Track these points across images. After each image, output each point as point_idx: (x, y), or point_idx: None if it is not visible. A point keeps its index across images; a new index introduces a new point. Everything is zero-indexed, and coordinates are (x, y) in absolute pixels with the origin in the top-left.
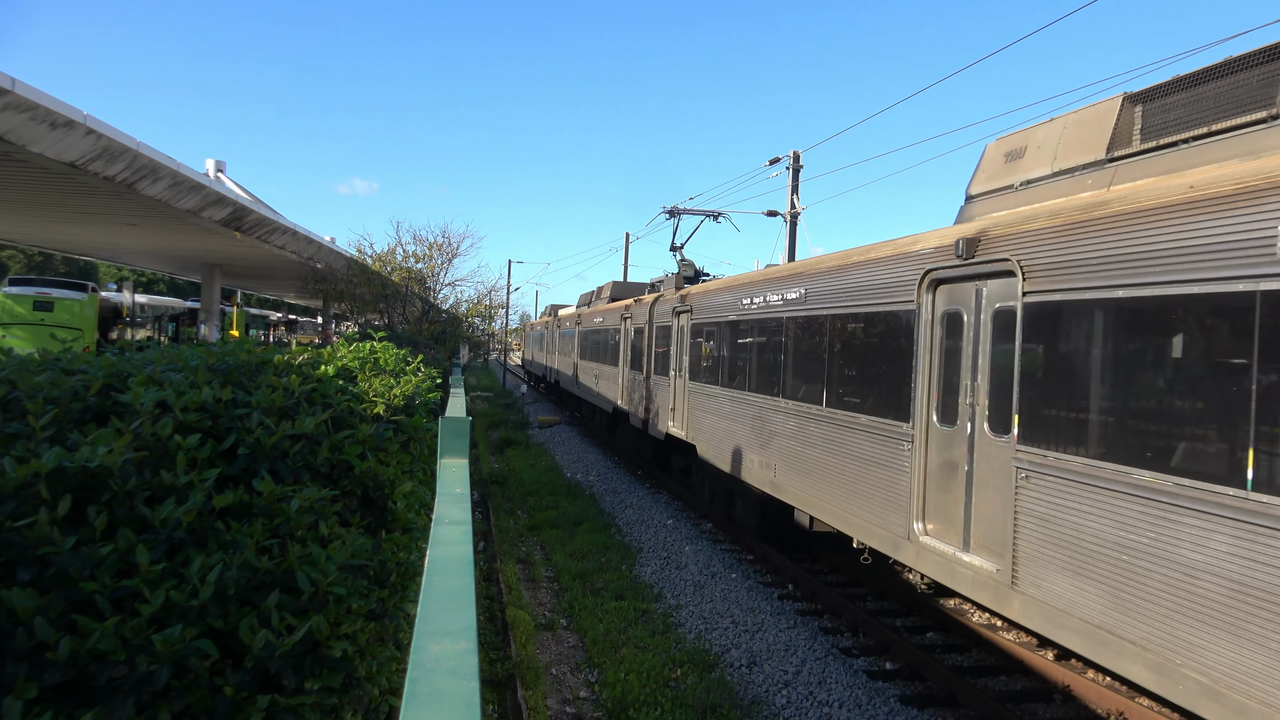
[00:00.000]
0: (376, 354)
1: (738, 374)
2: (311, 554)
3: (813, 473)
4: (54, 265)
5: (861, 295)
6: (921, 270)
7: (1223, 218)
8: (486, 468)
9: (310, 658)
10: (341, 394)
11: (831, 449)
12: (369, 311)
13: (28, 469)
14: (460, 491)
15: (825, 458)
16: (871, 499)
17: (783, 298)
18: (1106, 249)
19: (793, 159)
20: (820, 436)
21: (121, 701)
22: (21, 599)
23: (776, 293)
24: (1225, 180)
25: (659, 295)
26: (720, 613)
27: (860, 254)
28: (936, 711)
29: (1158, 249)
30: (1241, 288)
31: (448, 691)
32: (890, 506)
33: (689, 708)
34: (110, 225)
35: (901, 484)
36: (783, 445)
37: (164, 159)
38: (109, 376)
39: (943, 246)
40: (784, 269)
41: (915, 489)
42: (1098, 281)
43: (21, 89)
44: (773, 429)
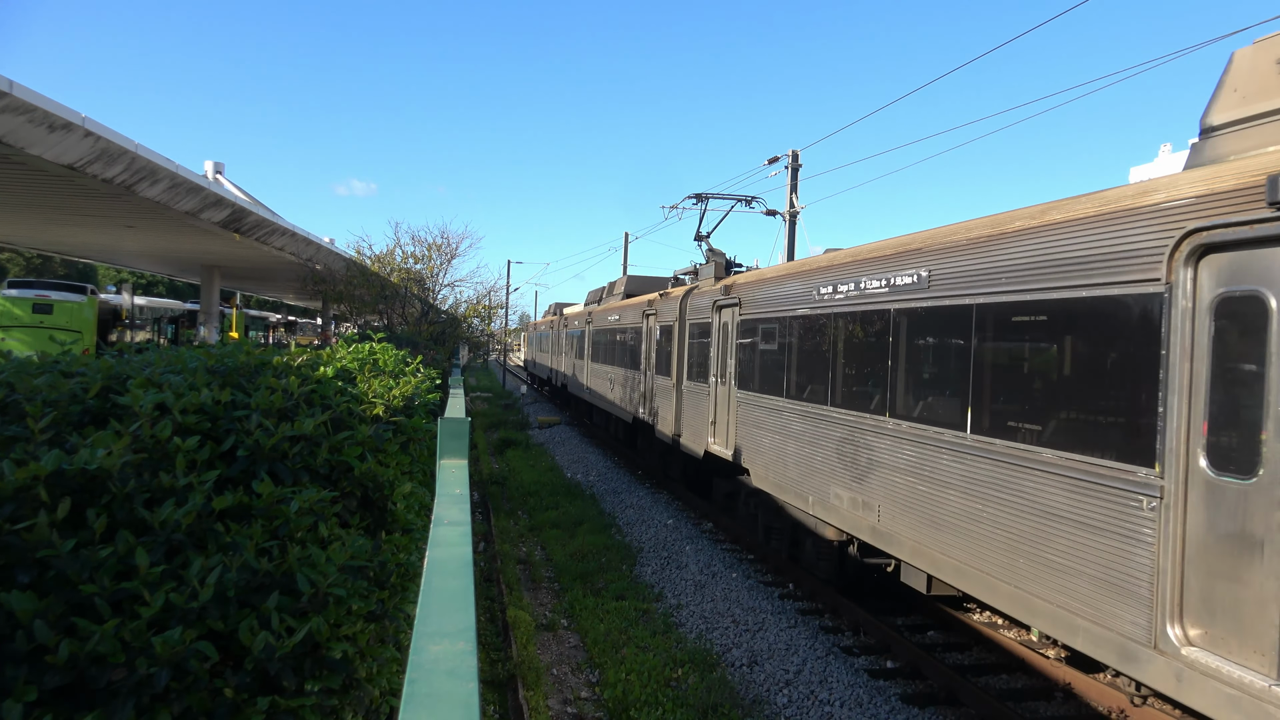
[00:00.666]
0: (375, 355)
1: (812, 383)
2: (311, 555)
3: (946, 523)
4: (53, 267)
5: (1038, 275)
6: (1175, 233)
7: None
8: (486, 468)
9: (310, 659)
10: (341, 395)
11: (983, 495)
12: (368, 313)
13: (27, 472)
14: (460, 492)
15: (971, 505)
16: (1068, 575)
17: (888, 284)
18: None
19: (791, 158)
20: (962, 475)
21: (121, 704)
22: (21, 602)
23: (879, 277)
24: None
25: (692, 288)
26: (721, 612)
27: (1028, 217)
28: (938, 710)
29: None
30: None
31: (447, 693)
32: (1110, 592)
33: (690, 707)
34: (109, 227)
35: (1136, 560)
36: (891, 481)
37: (162, 161)
38: (108, 379)
39: (1222, 193)
40: (886, 246)
41: (1166, 570)
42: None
43: (20, 91)
44: (874, 458)
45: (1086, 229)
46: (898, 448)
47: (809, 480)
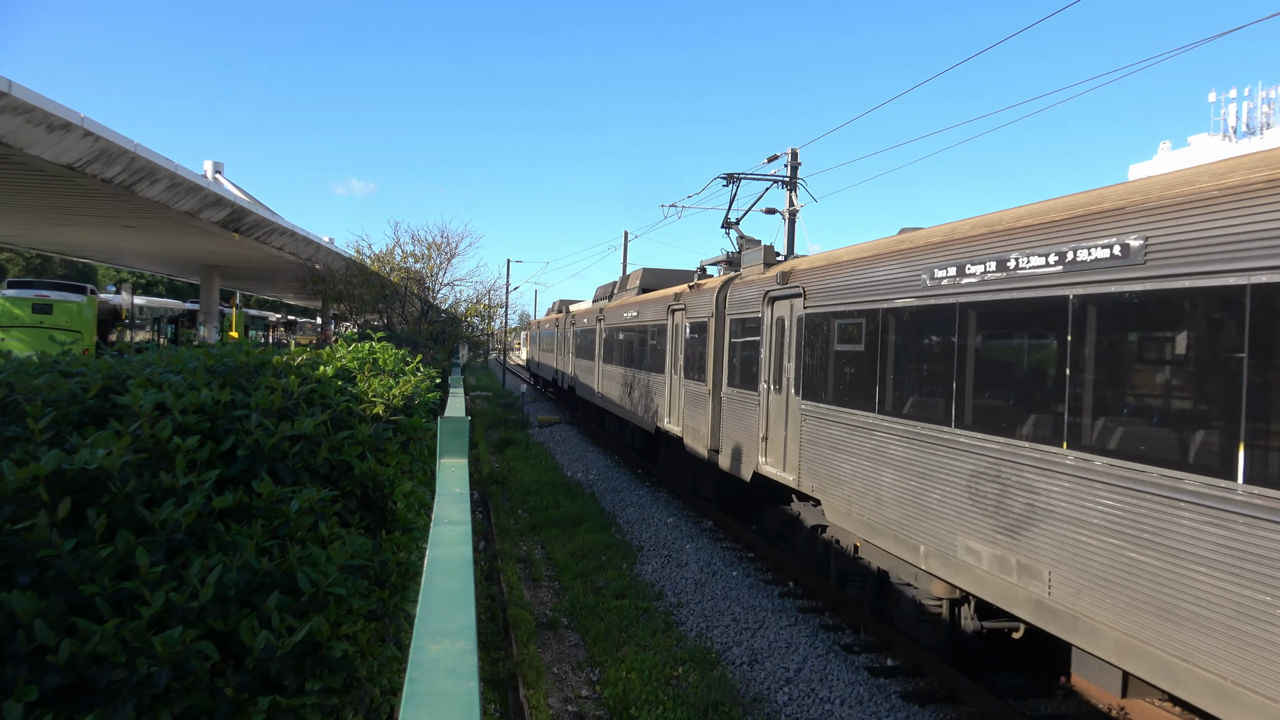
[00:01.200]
0: (375, 354)
1: (923, 396)
2: (311, 555)
3: (1185, 614)
4: (52, 268)
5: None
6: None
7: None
8: (486, 467)
9: (311, 659)
10: (340, 394)
11: (1266, 581)
12: (368, 312)
13: (27, 472)
14: (460, 491)
15: (1241, 593)
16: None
17: (1062, 260)
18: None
19: (791, 156)
20: (1223, 546)
21: (122, 704)
22: (21, 602)
23: (1042, 252)
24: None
25: (732, 277)
26: (721, 611)
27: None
28: (938, 708)
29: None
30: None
31: (447, 692)
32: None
33: (691, 706)
34: (109, 227)
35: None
36: (1074, 540)
37: (162, 161)
38: (108, 379)
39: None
40: (1051, 209)
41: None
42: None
43: (18, 91)
44: (1040, 504)
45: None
46: (1088, 494)
47: (919, 524)
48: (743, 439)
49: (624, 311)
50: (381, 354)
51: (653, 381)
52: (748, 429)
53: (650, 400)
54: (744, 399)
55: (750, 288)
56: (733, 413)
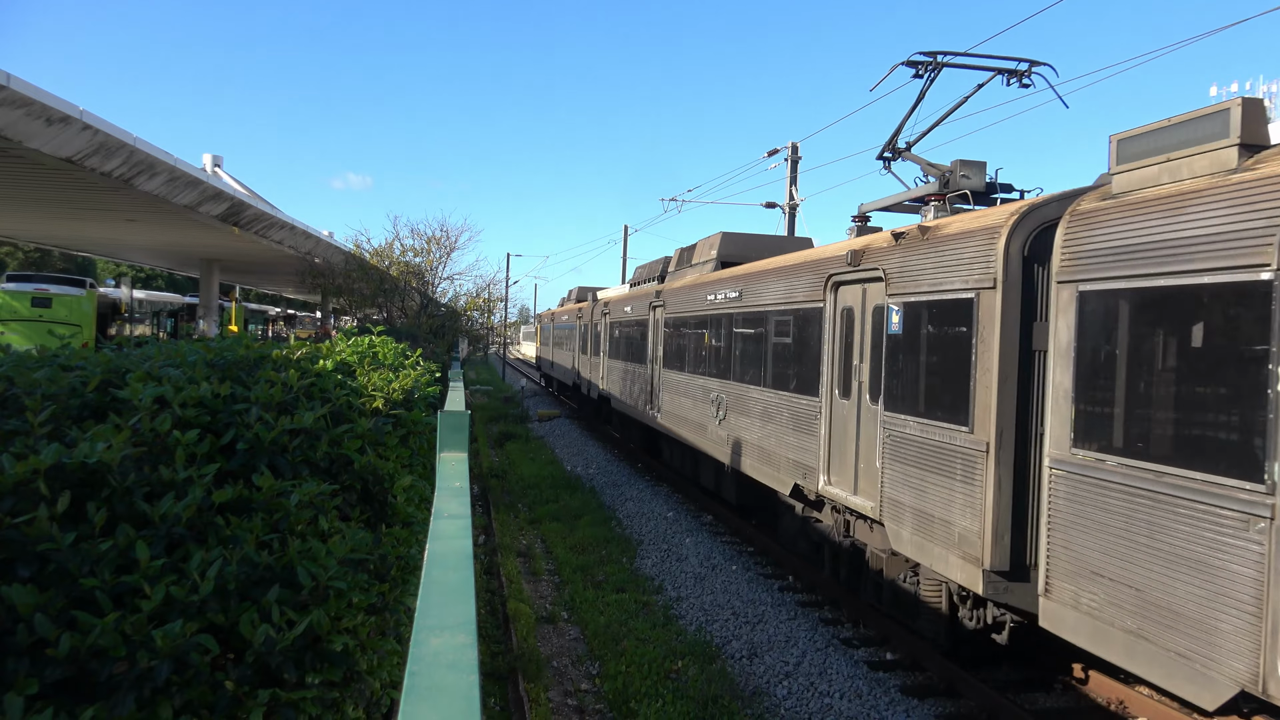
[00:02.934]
0: (375, 348)
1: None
2: (311, 549)
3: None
4: (52, 261)
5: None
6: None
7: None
8: (486, 462)
9: (311, 652)
10: (340, 389)
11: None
12: (367, 306)
13: (27, 465)
14: (460, 485)
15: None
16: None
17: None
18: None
19: (791, 150)
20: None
21: (122, 698)
22: (22, 595)
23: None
24: None
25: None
26: (721, 605)
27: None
28: (937, 702)
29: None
30: None
31: (447, 685)
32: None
33: (690, 699)
34: (108, 221)
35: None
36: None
37: (161, 154)
38: (107, 372)
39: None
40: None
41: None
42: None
43: (17, 84)
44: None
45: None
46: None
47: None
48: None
49: (703, 294)
50: (381, 348)
51: (779, 405)
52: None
53: (772, 434)
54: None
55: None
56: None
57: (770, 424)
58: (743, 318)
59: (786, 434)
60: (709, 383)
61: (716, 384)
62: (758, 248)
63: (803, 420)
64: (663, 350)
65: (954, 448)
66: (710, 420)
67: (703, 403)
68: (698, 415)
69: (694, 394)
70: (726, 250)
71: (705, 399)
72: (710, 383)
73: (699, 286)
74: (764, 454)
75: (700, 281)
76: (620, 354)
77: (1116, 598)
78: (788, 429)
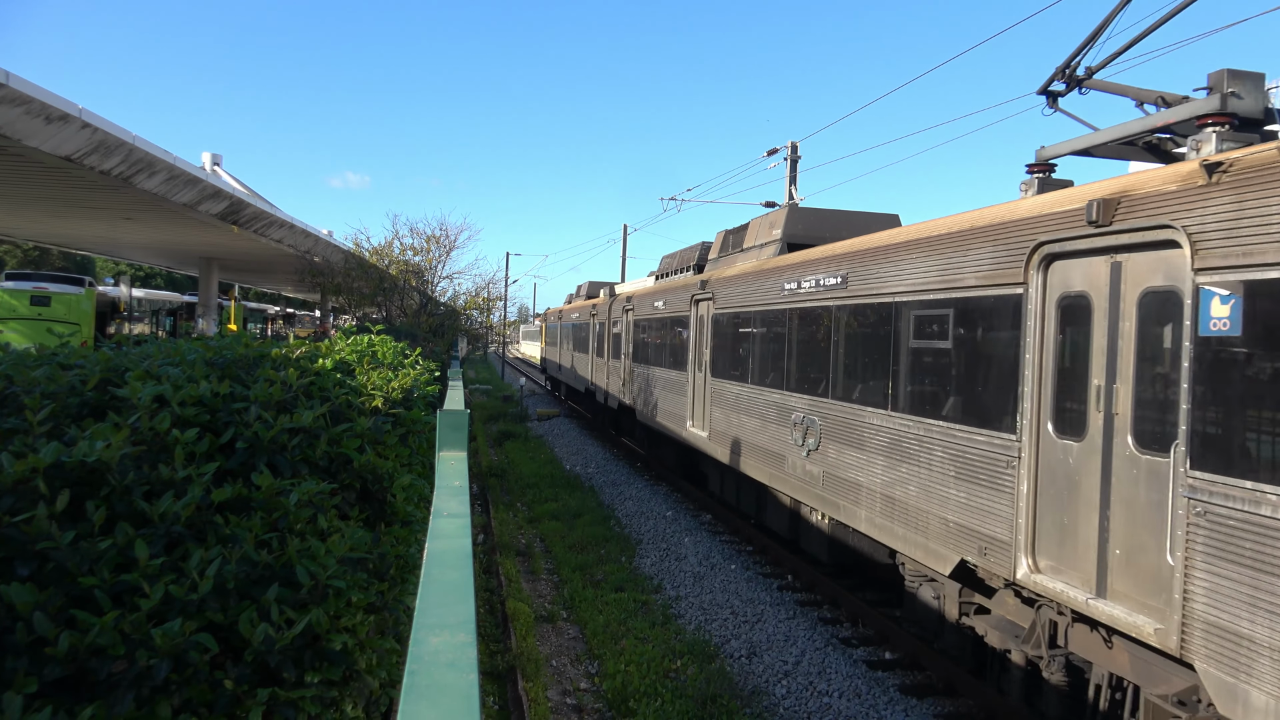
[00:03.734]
0: (374, 347)
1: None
2: (311, 548)
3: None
4: (51, 260)
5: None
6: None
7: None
8: (485, 460)
9: (310, 651)
10: (340, 387)
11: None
12: (367, 305)
13: (26, 464)
14: (459, 484)
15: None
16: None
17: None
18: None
19: (790, 149)
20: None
21: (121, 696)
22: (21, 594)
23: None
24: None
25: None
26: (720, 604)
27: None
28: (936, 701)
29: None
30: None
31: (447, 684)
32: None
33: (689, 698)
34: (107, 219)
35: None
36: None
37: (160, 153)
38: (106, 371)
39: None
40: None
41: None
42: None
43: (16, 82)
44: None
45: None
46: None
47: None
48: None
49: (776, 281)
50: (380, 347)
51: (964, 448)
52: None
53: (948, 490)
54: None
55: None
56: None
57: (908, 465)
58: (851, 313)
59: (942, 483)
60: (790, 399)
61: (802, 401)
62: (835, 226)
63: (978, 466)
64: (712, 354)
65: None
66: (791, 449)
67: (778, 425)
68: (768, 440)
69: (763, 413)
70: (793, 229)
71: (782, 420)
72: (792, 399)
73: (766, 274)
74: (894, 507)
75: (768, 268)
76: (649, 357)
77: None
78: (945, 476)
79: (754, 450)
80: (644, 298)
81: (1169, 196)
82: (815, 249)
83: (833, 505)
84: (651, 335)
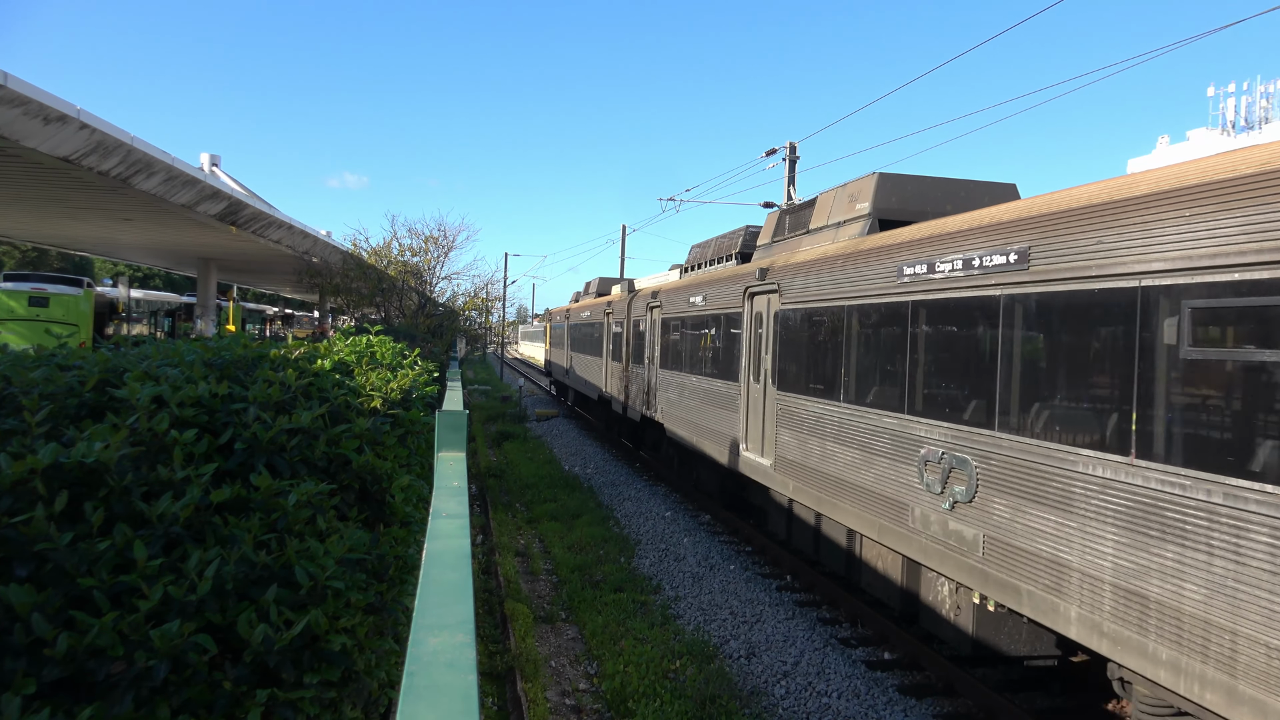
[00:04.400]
0: (373, 348)
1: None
2: (309, 548)
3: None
4: (49, 260)
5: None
6: None
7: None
8: (484, 461)
9: (309, 652)
10: (338, 388)
11: None
12: (365, 305)
13: (24, 465)
14: (458, 485)
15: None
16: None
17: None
18: None
19: (789, 150)
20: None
21: (120, 697)
22: (19, 595)
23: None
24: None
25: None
26: (719, 604)
27: None
28: (935, 701)
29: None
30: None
31: (445, 685)
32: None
33: (688, 699)
34: (105, 220)
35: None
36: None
37: (158, 153)
38: (104, 372)
39: None
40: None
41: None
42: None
43: (14, 83)
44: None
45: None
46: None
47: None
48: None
49: (892, 265)
50: (379, 347)
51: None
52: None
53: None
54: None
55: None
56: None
57: (1178, 548)
58: (1041, 305)
59: (1266, 589)
60: (916, 427)
61: (940, 432)
62: (941, 197)
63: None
64: (777, 361)
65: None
66: (918, 496)
67: (892, 461)
68: (875, 480)
69: (867, 443)
70: (885, 202)
71: (901, 455)
72: (920, 427)
73: (865, 257)
74: (1145, 610)
75: (867, 249)
76: (682, 362)
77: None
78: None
79: (848, 491)
80: (676, 293)
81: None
82: (938, 221)
83: (1006, 588)
84: (685, 336)
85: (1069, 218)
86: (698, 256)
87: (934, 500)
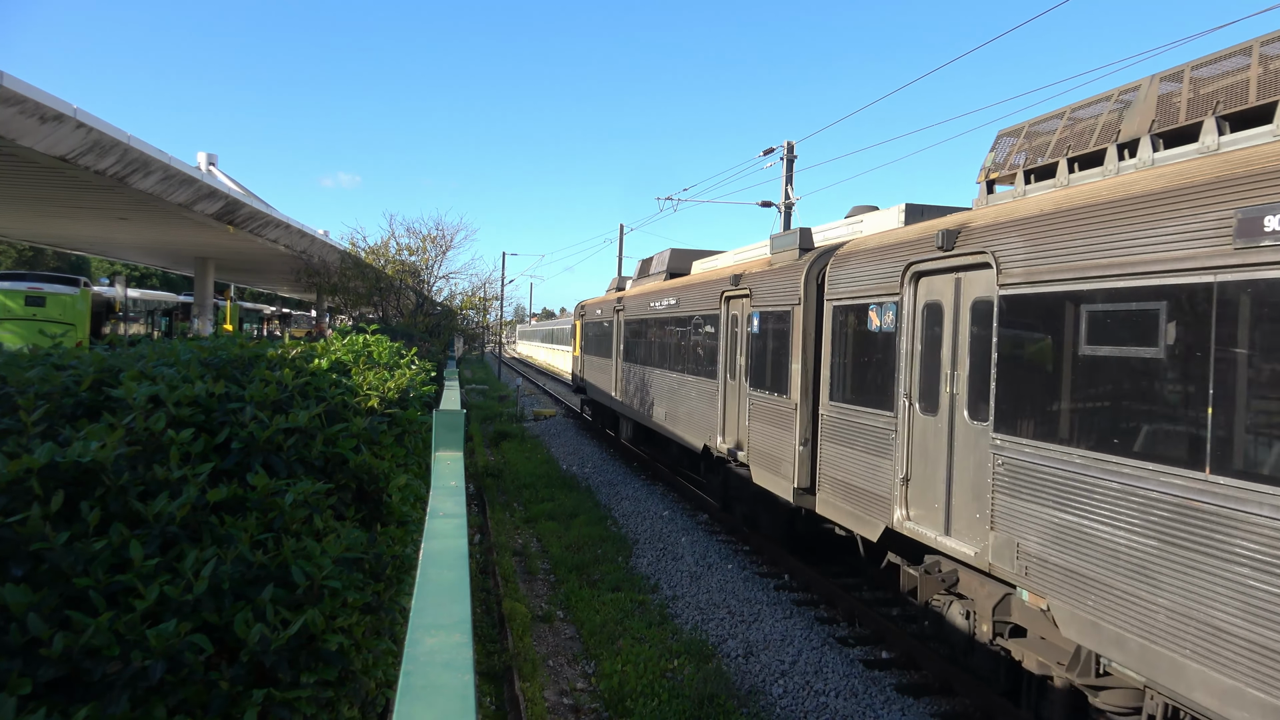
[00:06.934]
0: (370, 347)
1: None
2: (306, 548)
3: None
4: (45, 260)
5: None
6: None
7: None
8: (482, 460)
9: (306, 651)
10: (335, 387)
11: None
12: (363, 305)
13: (20, 464)
14: (455, 484)
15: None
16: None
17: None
18: None
19: (787, 149)
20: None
21: (116, 697)
22: (15, 595)
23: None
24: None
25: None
26: (717, 603)
27: None
28: (932, 700)
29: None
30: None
31: (442, 684)
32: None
33: (686, 698)
34: (102, 219)
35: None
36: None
37: (155, 153)
38: (101, 371)
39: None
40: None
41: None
42: None
43: (10, 82)
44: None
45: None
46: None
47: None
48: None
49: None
50: (376, 347)
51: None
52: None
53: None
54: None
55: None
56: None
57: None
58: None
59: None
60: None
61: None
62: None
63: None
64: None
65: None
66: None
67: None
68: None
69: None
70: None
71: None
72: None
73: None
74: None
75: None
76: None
77: None
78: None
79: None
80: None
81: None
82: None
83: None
84: (864, 343)
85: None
86: (776, 247)
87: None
